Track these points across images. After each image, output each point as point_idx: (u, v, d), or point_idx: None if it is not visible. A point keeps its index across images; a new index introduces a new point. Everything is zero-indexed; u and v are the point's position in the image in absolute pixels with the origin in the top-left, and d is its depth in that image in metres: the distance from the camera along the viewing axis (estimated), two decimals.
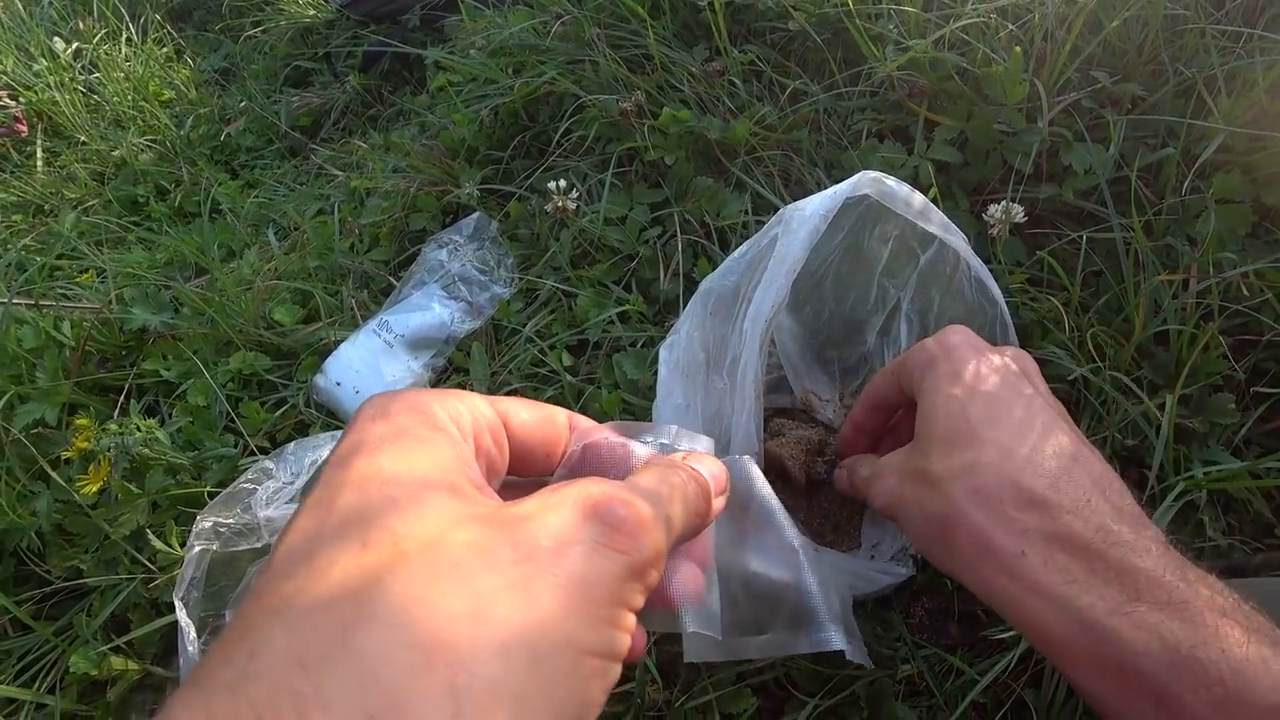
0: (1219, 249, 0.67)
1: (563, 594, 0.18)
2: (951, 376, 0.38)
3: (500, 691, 0.16)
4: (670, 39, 0.92)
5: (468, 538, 0.19)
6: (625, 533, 0.21)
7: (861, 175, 0.47)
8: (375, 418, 0.22)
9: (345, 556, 0.18)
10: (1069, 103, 0.73)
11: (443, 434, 0.23)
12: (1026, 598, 0.32)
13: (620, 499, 0.21)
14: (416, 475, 0.20)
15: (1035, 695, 0.54)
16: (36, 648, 0.66)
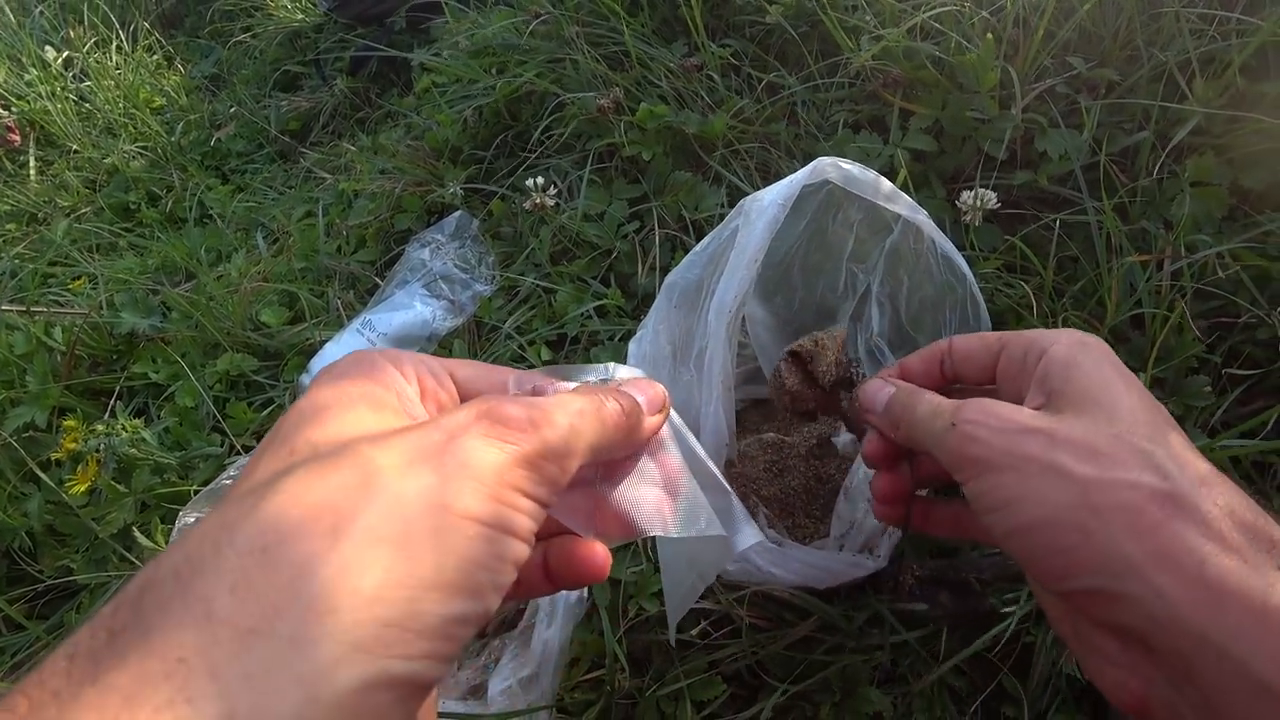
0: (1193, 231, 0.67)
1: (447, 471, 0.21)
2: (1116, 366, 0.31)
3: (378, 535, 0.19)
4: (649, 36, 0.93)
5: (373, 436, 0.22)
6: (513, 427, 0.23)
7: (819, 161, 0.47)
8: (326, 371, 0.26)
9: (274, 461, 0.22)
10: (1043, 89, 0.73)
11: (378, 372, 0.26)
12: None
13: (514, 402, 0.24)
14: (342, 399, 0.24)
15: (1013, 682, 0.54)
16: (28, 645, 0.67)
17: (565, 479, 0.24)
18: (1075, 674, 0.53)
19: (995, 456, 0.29)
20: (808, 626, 0.52)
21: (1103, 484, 0.27)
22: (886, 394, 0.37)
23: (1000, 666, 0.54)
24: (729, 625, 0.53)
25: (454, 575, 0.20)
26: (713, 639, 0.53)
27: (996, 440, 0.29)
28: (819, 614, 0.52)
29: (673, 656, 0.52)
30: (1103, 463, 0.27)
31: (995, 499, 0.29)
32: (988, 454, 0.29)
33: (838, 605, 0.53)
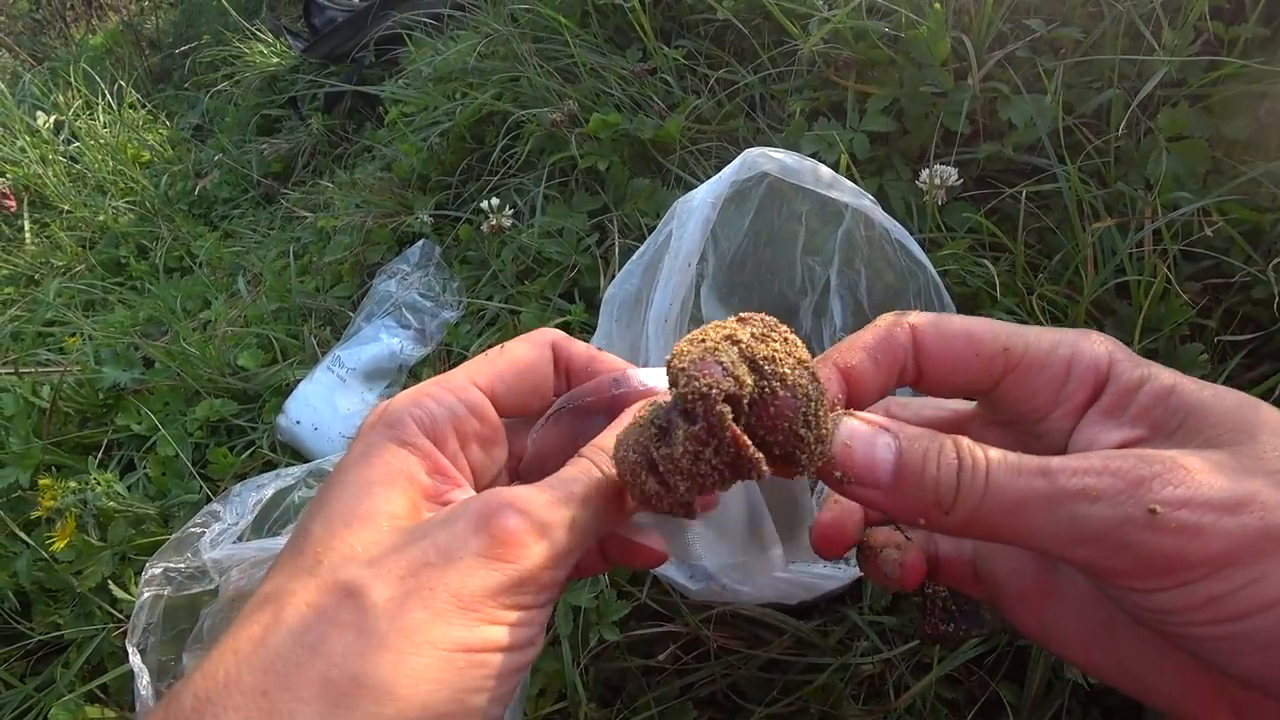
0: (1175, 189, 0.64)
1: (436, 604, 0.22)
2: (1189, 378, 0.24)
3: (362, 683, 0.20)
4: (601, 45, 0.92)
5: (375, 554, 0.23)
6: (511, 544, 0.23)
7: (748, 153, 0.45)
8: (365, 431, 0.27)
9: (286, 564, 0.24)
10: (1003, 55, 0.70)
11: (408, 446, 0.26)
12: None
13: (514, 508, 0.24)
14: (360, 495, 0.25)
15: (1012, 692, 0.51)
16: (20, 703, 0.67)
17: (566, 574, 0.25)
18: (1080, 681, 0.50)
19: (1235, 550, 0.20)
20: (781, 645, 0.49)
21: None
22: (887, 450, 0.23)
23: (988, 679, 0.51)
24: (700, 648, 0.51)
25: (447, 707, 0.21)
26: (683, 663, 0.50)
27: (1231, 526, 0.20)
28: (792, 631, 0.49)
29: (644, 684, 0.50)
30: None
31: (1249, 602, 0.20)
32: (1222, 548, 0.20)
33: (812, 620, 0.50)
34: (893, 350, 0.27)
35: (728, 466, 0.22)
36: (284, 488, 0.65)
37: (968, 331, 0.26)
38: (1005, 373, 0.26)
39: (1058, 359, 0.26)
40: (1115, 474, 0.21)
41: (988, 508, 0.22)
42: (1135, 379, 0.25)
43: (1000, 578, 0.29)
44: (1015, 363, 0.26)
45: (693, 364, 0.22)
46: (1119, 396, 0.25)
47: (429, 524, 0.24)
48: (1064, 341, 0.26)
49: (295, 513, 0.65)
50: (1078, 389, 0.26)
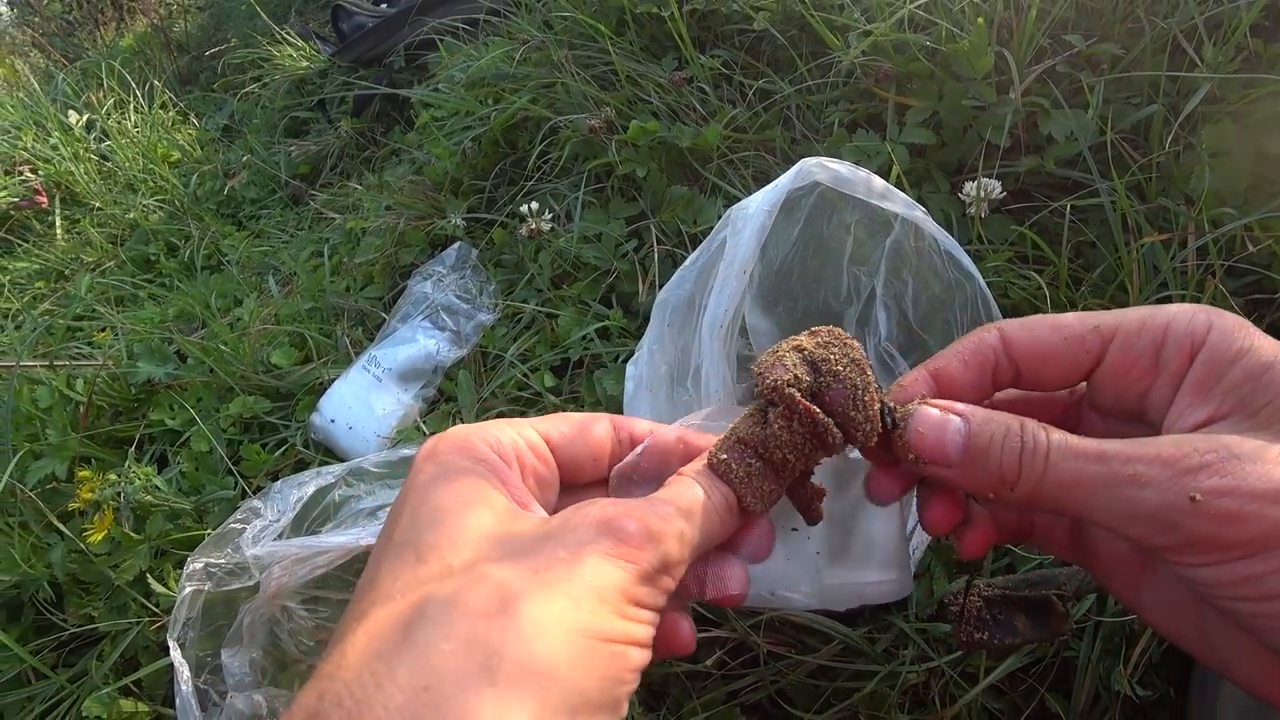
0: (1216, 205, 0.64)
1: (577, 593, 0.22)
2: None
3: (527, 667, 0.20)
4: (638, 53, 0.93)
5: (501, 553, 0.23)
6: (632, 545, 0.24)
7: (804, 163, 0.45)
8: (426, 459, 0.27)
9: (404, 571, 0.23)
10: (1043, 70, 0.71)
11: (483, 463, 0.27)
12: None
13: (630, 515, 0.24)
14: (460, 501, 0.25)
15: (1059, 703, 0.51)
16: (54, 694, 0.68)
17: (675, 584, 0.26)
18: (1130, 693, 0.50)
19: (1272, 535, 0.21)
20: (829, 652, 0.49)
21: None
22: (958, 433, 0.26)
23: (1037, 686, 0.51)
24: (747, 653, 0.51)
25: (597, 695, 0.21)
26: (730, 668, 0.50)
27: (1271, 514, 0.21)
28: (841, 638, 0.49)
29: (690, 689, 0.50)
30: None
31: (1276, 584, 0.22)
32: (1259, 533, 0.21)
33: (860, 627, 0.50)
34: (980, 351, 0.28)
35: (811, 435, 0.28)
36: (324, 486, 0.65)
37: (1054, 321, 0.28)
38: (1100, 350, 0.27)
39: (1154, 325, 0.26)
40: (1165, 462, 0.23)
41: (1048, 486, 0.24)
42: (1232, 351, 0.24)
43: (1098, 545, 0.30)
44: (1109, 335, 0.26)
45: (766, 368, 0.29)
46: (1211, 367, 0.25)
47: (548, 528, 0.24)
48: (1160, 311, 0.26)
49: (335, 511, 0.65)
50: (1175, 355, 0.25)
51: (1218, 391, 0.24)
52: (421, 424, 0.76)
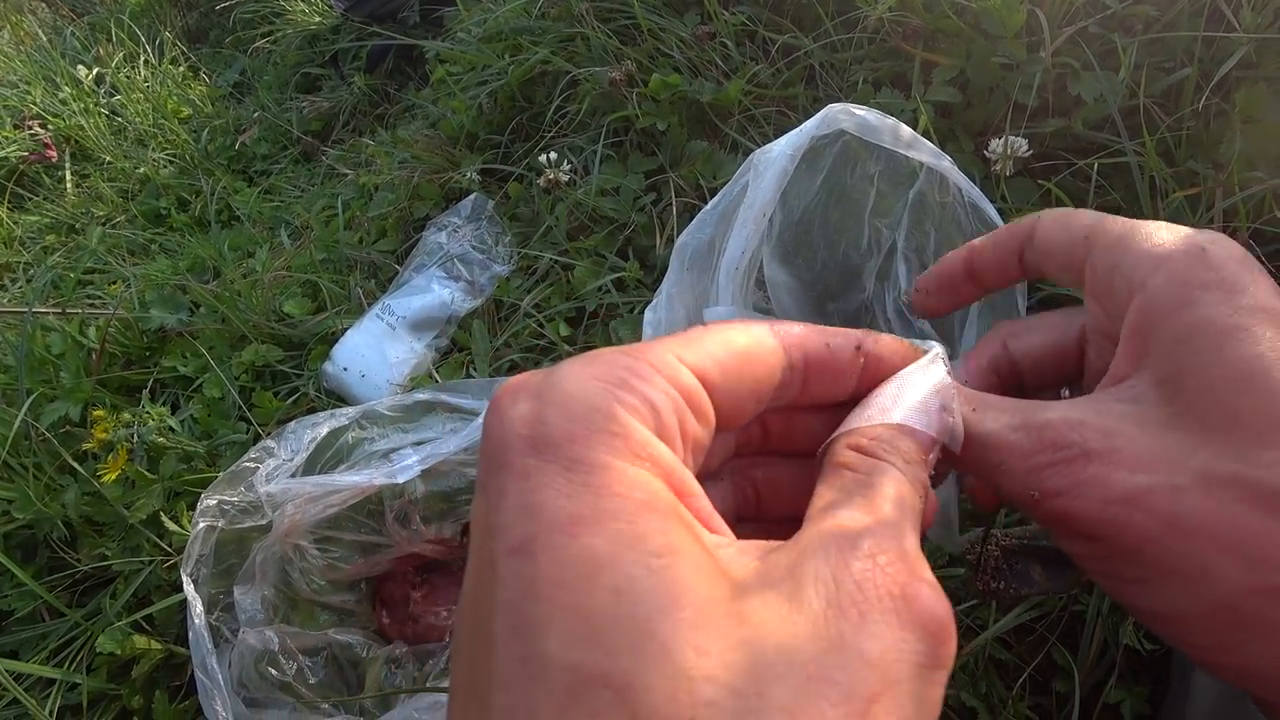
0: (1246, 170, 0.63)
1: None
2: (1268, 315, 0.20)
3: None
4: (660, 7, 0.91)
5: (772, 687, 0.13)
6: (948, 639, 0.16)
7: (830, 109, 0.45)
8: (540, 450, 0.15)
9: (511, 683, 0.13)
10: (1075, 30, 0.69)
11: (647, 462, 0.16)
12: None
13: (925, 581, 0.16)
14: (645, 572, 0.14)
15: (1064, 656, 0.51)
16: (67, 631, 0.68)
17: None
18: (1136, 645, 0.50)
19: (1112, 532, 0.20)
20: None
21: (1254, 593, 0.19)
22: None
23: (1048, 636, 0.51)
24: None
25: None
26: None
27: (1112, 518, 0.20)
28: None
29: None
30: (1250, 557, 0.19)
31: (1126, 573, 0.21)
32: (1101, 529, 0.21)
33: None
34: (1013, 236, 0.27)
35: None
36: (338, 427, 0.65)
37: (1065, 219, 0.26)
38: (1085, 253, 0.24)
39: (1109, 265, 0.23)
40: (1021, 456, 0.21)
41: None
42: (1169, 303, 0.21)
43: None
44: (1095, 240, 0.24)
45: None
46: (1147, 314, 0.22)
47: (819, 620, 0.15)
48: (1127, 244, 0.23)
49: (349, 452, 0.65)
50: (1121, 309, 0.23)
51: (1144, 343, 0.22)
52: (434, 372, 0.76)
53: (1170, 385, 0.21)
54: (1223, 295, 0.20)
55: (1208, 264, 0.21)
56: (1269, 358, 0.19)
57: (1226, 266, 0.21)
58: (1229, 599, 0.19)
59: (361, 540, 0.64)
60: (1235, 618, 0.19)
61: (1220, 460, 0.19)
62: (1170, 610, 0.20)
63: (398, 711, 0.53)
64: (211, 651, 0.56)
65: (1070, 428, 0.21)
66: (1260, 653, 0.19)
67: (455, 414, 0.64)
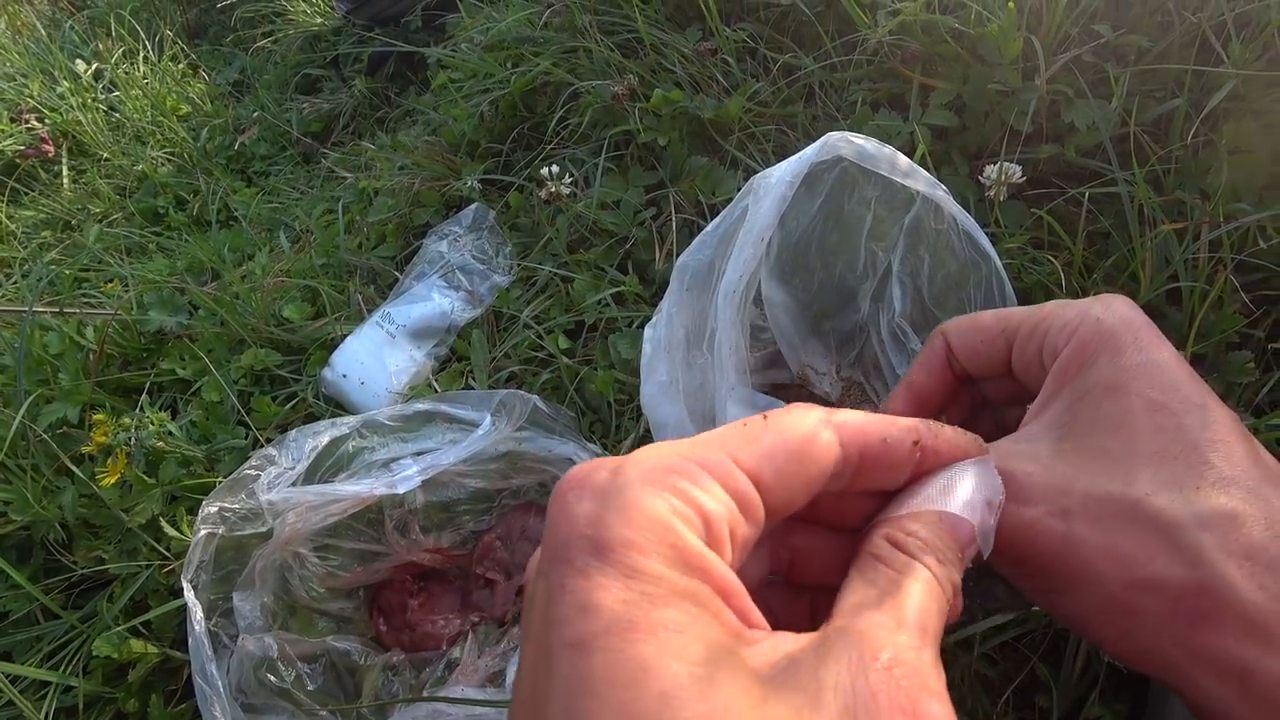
0: (1232, 201, 0.65)
1: None
2: (1147, 371, 0.25)
3: None
4: (662, 22, 0.92)
5: None
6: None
7: (829, 136, 0.46)
8: (601, 554, 0.17)
9: None
10: (1069, 59, 0.71)
11: (699, 575, 0.17)
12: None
13: (929, 691, 0.18)
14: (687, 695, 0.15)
15: (1045, 671, 0.53)
16: (63, 634, 0.69)
17: None
18: (1116, 663, 0.51)
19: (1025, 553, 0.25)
20: None
21: (1129, 587, 0.23)
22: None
23: (1030, 655, 0.52)
24: None
25: None
26: None
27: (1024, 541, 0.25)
28: None
29: None
30: (1122, 559, 0.23)
31: (1040, 584, 0.25)
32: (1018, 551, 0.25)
33: None
34: (934, 356, 0.32)
35: None
36: (339, 436, 0.66)
37: (977, 321, 0.31)
38: (1007, 349, 0.29)
39: (1040, 330, 0.28)
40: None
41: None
42: (1075, 366, 0.26)
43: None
44: (1013, 335, 0.29)
45: None
46: (1058, 374, 0.27)
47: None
48: (1040, 319, 0.28)
49: (349, 461, 0.66)
50: (1050, 358, 0.28)
51: (1057, 392, 0.27)
52: (433, 381, 0.77)
53: (1062, 429, 0.26)
54: (1109, 358, 0.26)
55: (1100, 332, 0.26)
56: (1136, 407, 0.25)
57: (1115, 332, 0.26)
58: (1113, 595, 0.23)
59: (360, 549, 0.64)
60: (1121, 609, 0.23)
61: (1096, 484, 0.24)
62: (1079, 612, 0.24)
63: (395, 719, 0.54)
64: (211, 658, 0.57)
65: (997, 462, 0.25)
66: (1144, 635, 0.23)
67: (454, 425, 0.65)
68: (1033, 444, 0.26)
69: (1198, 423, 0.24)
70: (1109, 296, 0.27)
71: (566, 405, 0.68)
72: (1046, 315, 0.28)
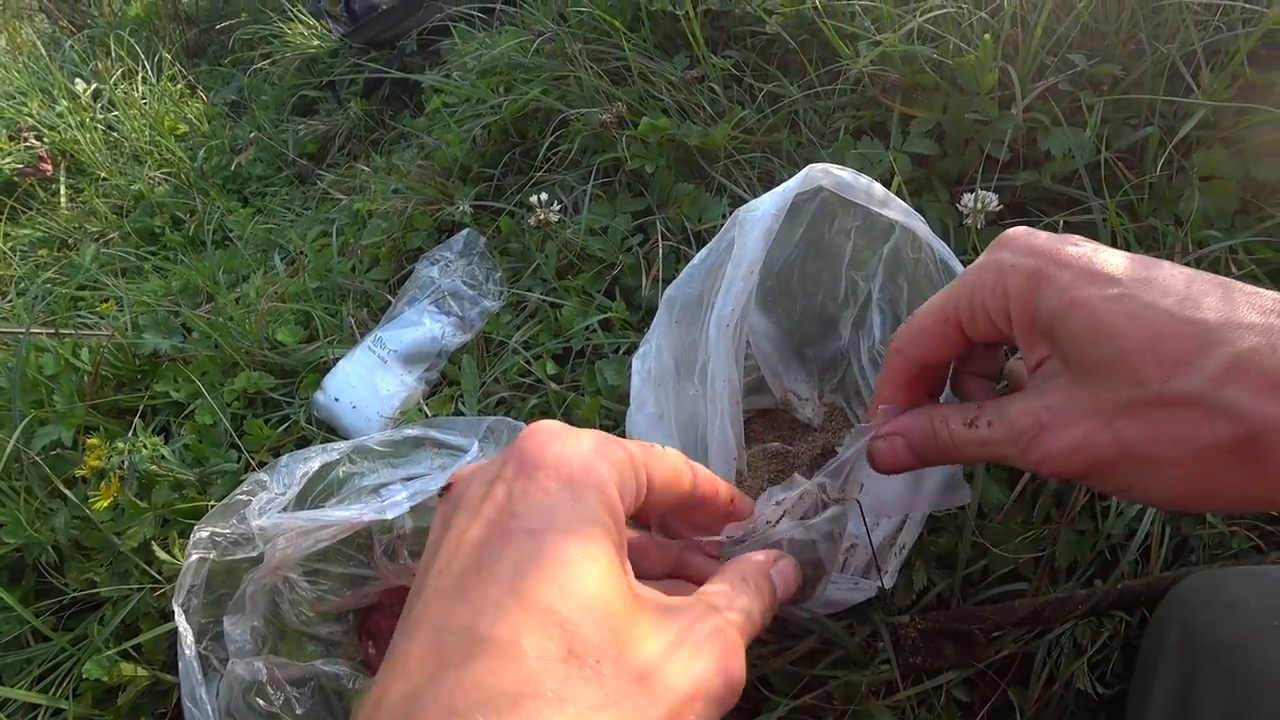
0: (1204, 227, 0.66)
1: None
2: (1082, 278, 0.28)
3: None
4: (651, 50, 0.94)
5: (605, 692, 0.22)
6: (738, 688, 0.26)
7: (810, 169, 0.47)
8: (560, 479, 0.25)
9: (487, 609, 0.23)
10: (1045, 88, 0.73)
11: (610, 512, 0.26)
12: None
13: (740, 664, 0.26)
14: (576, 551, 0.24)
15: (1020, 694, 0.53)
16: (53, 656, 0.69)
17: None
18: (1087, 689, 0.52)
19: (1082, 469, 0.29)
20: (810, 642, 0.51)
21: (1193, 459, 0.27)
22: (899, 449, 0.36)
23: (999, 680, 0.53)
24: None
25: None
26: None
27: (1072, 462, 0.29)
28: (820, 630, 0.51)
29: None
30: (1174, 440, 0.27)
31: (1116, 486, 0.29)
32: (1075, 472, 0.30)
33: (840, 619, 0.52)
34: (895, 372, 0.37)
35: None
36: (329, 462, 0.67)
37: (919, 323, 0.36)
38: (959, 335, 0.34)
39: (976, 302, 0.32)
40: (1011, 443, 0.31)
41: (969, 460, 0.34)
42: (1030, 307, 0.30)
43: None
44: (956, 321, 0.33)
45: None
46: (1021, 321, 0.31)
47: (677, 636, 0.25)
48: (969, 285, 0.32)
49: (339, 486, 0.67)
50: (1001, 319, 0.31)
51: (1035, 342, 0.31)
52: (424, 406, 0.78)
53: (1061, 363, 0.30)
54: (1048, 290, 0.29)
55: (1023, 272, 0.30)
56: (1101, 312, 0.28)
57: (1033, 266, 0.30)
58: (1183, 472, 0.27)
59: (350, 573, 0.65)
60: (1195, 479, 0.27)
61: (1120, 393, 0.28)
62: (1159, 495, 0.29)
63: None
64: (201, 682, 0.57)
65: (1028, 414, 0.31)
66: (1224, 490, 0.27)
67: (444, 450, 0.66)
68: (1047, 385, 0.30)
69: (1157, 294, 0.27)
70: (1004, 236, 0.32)
71: None
72: (970, 287, 0.32)
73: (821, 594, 0.41)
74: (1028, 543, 0.55)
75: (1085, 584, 0.55)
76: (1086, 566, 0.55)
